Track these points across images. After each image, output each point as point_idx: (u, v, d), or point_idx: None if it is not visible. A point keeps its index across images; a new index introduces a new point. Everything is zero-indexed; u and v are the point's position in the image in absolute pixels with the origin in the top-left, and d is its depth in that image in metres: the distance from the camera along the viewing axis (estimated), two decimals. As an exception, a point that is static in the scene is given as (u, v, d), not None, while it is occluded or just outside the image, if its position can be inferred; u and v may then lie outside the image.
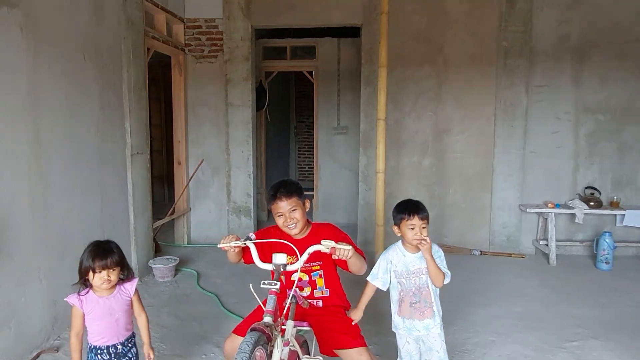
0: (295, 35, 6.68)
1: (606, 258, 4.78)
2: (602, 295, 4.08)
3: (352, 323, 2.31)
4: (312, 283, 2.36)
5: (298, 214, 2.26)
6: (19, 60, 2.86)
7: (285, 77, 9.43)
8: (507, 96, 5.18)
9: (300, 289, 2.35)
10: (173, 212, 5.47)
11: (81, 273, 2.09)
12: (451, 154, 5.38)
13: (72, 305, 2.10)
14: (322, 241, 2.01)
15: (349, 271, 2.26)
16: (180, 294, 4.09)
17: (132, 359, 2.22)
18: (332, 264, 2.34)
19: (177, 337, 3.24)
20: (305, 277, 2.34)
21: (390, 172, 5.16)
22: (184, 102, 5.55)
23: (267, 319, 1.86)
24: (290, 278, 2.21)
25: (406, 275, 2.30)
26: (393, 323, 2.37)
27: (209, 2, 5.45)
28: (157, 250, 5.00)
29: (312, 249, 2.04)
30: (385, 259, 2.35)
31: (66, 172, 3.34)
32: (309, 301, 2.32)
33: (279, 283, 1.99)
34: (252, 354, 1.68)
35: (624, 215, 4.99)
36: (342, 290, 2.44)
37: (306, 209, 2.32)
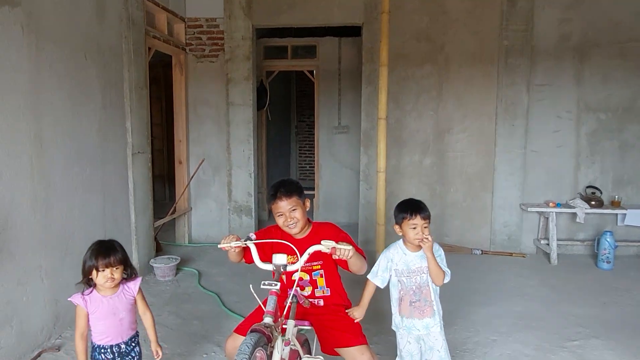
0: (296, 35, 6.68)
1: (607, 257, 4.78)
2: (603, 295, 4.08)
3: (355, 321, 2.31)
4: (313, 282, 2.36)
5: (298, 214, 2.26)
6: (21, 59, 2.87)
7: (286, 77, 9.43)
8: (508, 95, 5.18)
9: (302, 288, 2.35)
10: (174, 211, 5.48)
11: (85, 272, 2.09)
12: (452, 153, 5.38)
13: (76, 305, 2.10)
14: (322, 241, 2.01)
15: (350, 271, 2.26)
16: (181, 293, 4.10)
17: (136, 357, 2.23)
18: (333, 264, 2.34)
19: (179, 336, 3.24)
20: (306, 277, 2.35)
21: (391, 171, 5.16)
22: (185, 102, 5.56)
23: (267, 320, 1.86)
24: (291, 278, 2.22)
25: (407, 274, 2.31)
26: (393, 322, 2.38)
27: (210, 1, 5.45)
28: (158, 250, 5.01)
29: (312, 249, 2.04)
30: (386, 257, 2.35)
31: (68, 172, 3.34)
32: (310, 300, 2.32)
33: (279, 284, 1.99)
34: (252, 355, 1.68)
35: (625, 214, 4.99)
36: (343, 289, 2.44)
37: (306, 208, 2.32)
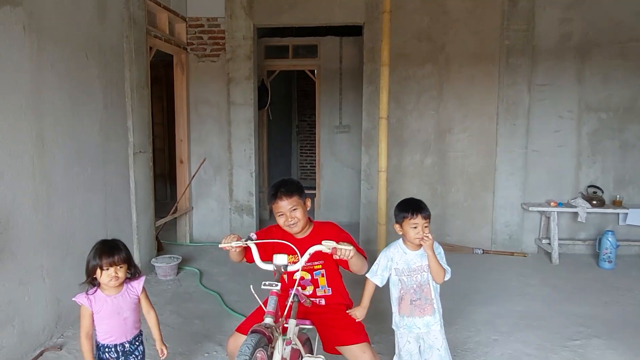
0: (297, 34, 6.68)
1: (609, 257, 4.78)
2: (605, 294, 4.07)
3: (356, 321, 2.31)
4: (315, 282, 2.36)
5: (299, 213, 2.26)
6: (22, 59, 2.87)
7: (288, 76, 9.43)
8: (509, 95, 5.18)
9: (303, 287, 2.35)
10: (175, 210, 5.48)
11: (88, 272, 2.09)
12: (453, 152, 5.38)
13: (80, 305, 2.10)
14: (323, 241, 2.01)
15: (350, 270, 2.26)
16: (182, 292, 4.10)
17: (139, 356, 2.24)
18: (334, 263, 2.34)
19: (180, 336, 3.24)
20: (308, 276, 2.35)
21: (392, 171, 5.16)
22: (186, 101, 5.56)
23: (268, 320, 1.86)
24: (293, 277, 2.22)
25: (407, 272, 2.31)
26: (393, 321, 2.38)
27: (211, 1, 5.45)
28: (160, 249, 5.01)
29: (313, 249, 2.04)
30: (386, 256, 2.35)
31: (69, 171, 3.35)
32: (311, 300, 2.32)
33: (279, 284, 1.99)
34: (253, 356, 1.68)
35: (626, 213, 4.99)
36: (345, 289, 2.44)
37: (307, 207, 2.32)
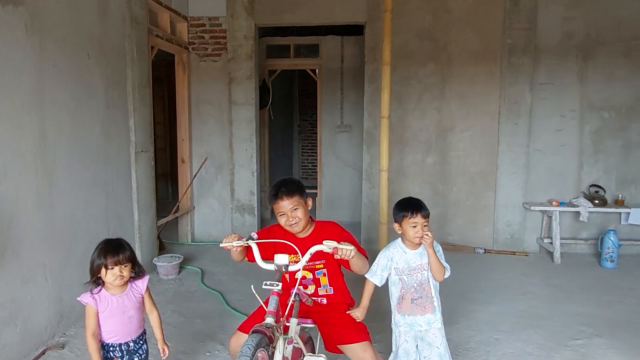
0: (299, 34, 6.68)
1: (611, 256, 4.77)
2: (607, 294, 4.07)
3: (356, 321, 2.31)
4: (316, 281, 2.36)
5: (300, 213, 2.25)
6: (24, 58, 2.87)
7: (289, 75, 9.42)
8: (511, 94, 5.17)
9: (305, 286, 2.35)
10: (177, 210, 5.49)
11: (93, 271, 2.10)
12: (455, 152, 5.37)
13: (85, 304, 2.10)
14: (324, 241, 2.01)
15: (351, 270, 2.26)
16: (184, 291, 4.10)
17: (143, 355, 2.24)
18: (336, 262, 2.33)
19: (182, 335, 3.25)
20: (309, 275, 2.35)
21: (393, 170, 5.15)
22: (187, 101, 5.56)
23: (269, 320, 1.86)
24: (294, 276, 2.22)
25: (407, 272, 2.31)
26: (393, 320, 2.37)
27: (212, 0, 5.45)
28: (161, 248, 5.02)
29: (314, 249, 2.04)
30: (386, 256, 2.35)
31: (71, 170, 3.35)
32: (313, 299, 2.32)
33: (280, 284, 1.98)
34: (254, 356, 1.68)
35: (628, 213, 4.97)
36: (346, 288, 2.44)
37: (308, 207, 2.32)
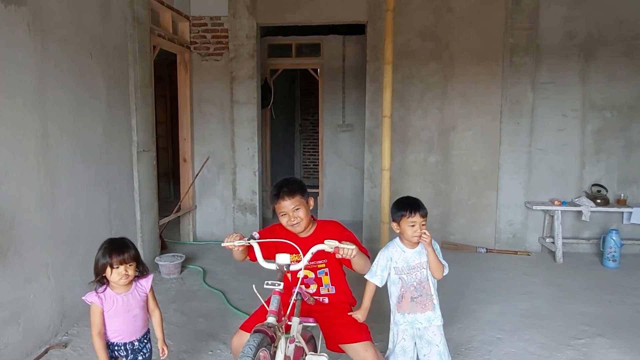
0: (300, 33, 6.69)
1: (613, 256, 4.76)
2: (609, 293, 4.06)
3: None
4: (318, 280, 2.37)
5: (302, 213, 2.25)
6: (27, 58, 2.88)
7: (290, 75, 9.42)
8: (513, 93, 5.16)
9: (307, 286, 2.36)
10: (179, 209, 5.50)
11: (97, 271, 2.10)
12: (457, 151, 5.37)
13: (90, 304, 2.10)
14: (325, 240, 2.02)
15: (353, 269, 2.27)
16: (186, 290, 4.11)
17: (147, 354, 2.25)
18: (338, 262, 2.34)
19: (184, 334, 3.25)
20: (311, 275, 2.35)
21: (395, 170, 5.15)
22: (189, 100, 5.57)
23: (271, 319, 1.87)
24: (296, 276, 2.22)
25: (407, 271, 2.32)
26: (393, 319, 2.38)
27: (214, -1, 5.47)
28: (163, 248, 5.03)
29: (315, 248, 2.05)
30: (385, 256, 2.35)
31: (73, 170, 3.36)
32: (314, 298, 2.32)
33: (282, 283, 1.99)
34: (256, 356, 1.68)
35: (630, 212, 4.97)
36: (348, 287, 2.45)
37: (310, 206, 2.32)
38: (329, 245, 2.00)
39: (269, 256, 2.17)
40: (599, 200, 4.97)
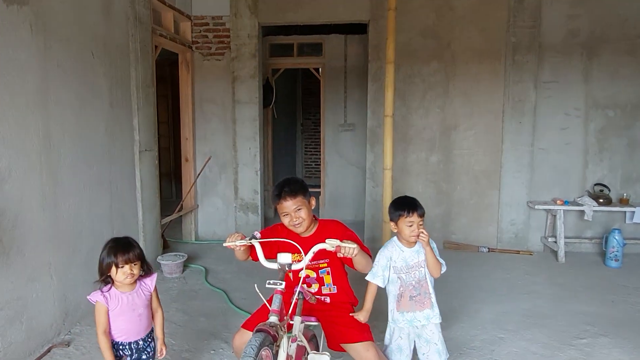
0: (302, 32, 6.68)
1: (615, 255, 4.75)
2: (612, 293, 4.05)
3: (360, 321, 2.32)
4: (320, 280, 2.37)
5: (304, 213, 2.25)
6: (29, 58, 2.89)
7: (292, 74, 9.43)
8: (515, 92, 5.15)
9: (308, 285, 2.36)
10: (181, 208, 5.50)
11: (102, 270, 2.10)
12: (459, 150, 5.36)
13: (95, 303, 2.11)
14: (327, 240, 2.02)
15: (355, 269, 2.27)
16: (188, 290, 4.12)
17: (151, 352, 2.26)
18: (340, 261, 2.34)
19: (186, 333, 3.26)
20: (313, 274, 2.35)
21: (397, 169, 5.15)
22: (191, 100, 5.57)
23: (273, 319, 1.87)
24: (298, 275, 2.22)
25: (406, 270, 2.32)
26: (391, 318, 2.38)
27: (216, -1, 5.47)
28: (165, 247, 5.04)
29: (316, 247, 2.05)
30: (385, 256, 2.36)
31: (76, 170, 3.37)
32: (316, 297, 2.32)
33: (284, 283, 1.99)
34: (258, 355, 1.69)
35: (633, 212, 4.95)
36: (350, 287, 2.45)
37: (312, 206, 2.32)
38: (330, 244, 2.00)
39: (271, 256, 2.17)
40: (601, 200, 4.96)
